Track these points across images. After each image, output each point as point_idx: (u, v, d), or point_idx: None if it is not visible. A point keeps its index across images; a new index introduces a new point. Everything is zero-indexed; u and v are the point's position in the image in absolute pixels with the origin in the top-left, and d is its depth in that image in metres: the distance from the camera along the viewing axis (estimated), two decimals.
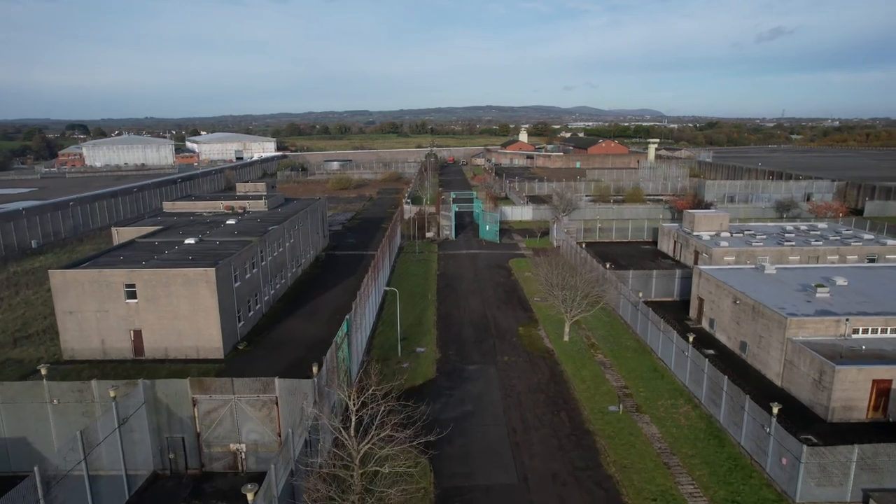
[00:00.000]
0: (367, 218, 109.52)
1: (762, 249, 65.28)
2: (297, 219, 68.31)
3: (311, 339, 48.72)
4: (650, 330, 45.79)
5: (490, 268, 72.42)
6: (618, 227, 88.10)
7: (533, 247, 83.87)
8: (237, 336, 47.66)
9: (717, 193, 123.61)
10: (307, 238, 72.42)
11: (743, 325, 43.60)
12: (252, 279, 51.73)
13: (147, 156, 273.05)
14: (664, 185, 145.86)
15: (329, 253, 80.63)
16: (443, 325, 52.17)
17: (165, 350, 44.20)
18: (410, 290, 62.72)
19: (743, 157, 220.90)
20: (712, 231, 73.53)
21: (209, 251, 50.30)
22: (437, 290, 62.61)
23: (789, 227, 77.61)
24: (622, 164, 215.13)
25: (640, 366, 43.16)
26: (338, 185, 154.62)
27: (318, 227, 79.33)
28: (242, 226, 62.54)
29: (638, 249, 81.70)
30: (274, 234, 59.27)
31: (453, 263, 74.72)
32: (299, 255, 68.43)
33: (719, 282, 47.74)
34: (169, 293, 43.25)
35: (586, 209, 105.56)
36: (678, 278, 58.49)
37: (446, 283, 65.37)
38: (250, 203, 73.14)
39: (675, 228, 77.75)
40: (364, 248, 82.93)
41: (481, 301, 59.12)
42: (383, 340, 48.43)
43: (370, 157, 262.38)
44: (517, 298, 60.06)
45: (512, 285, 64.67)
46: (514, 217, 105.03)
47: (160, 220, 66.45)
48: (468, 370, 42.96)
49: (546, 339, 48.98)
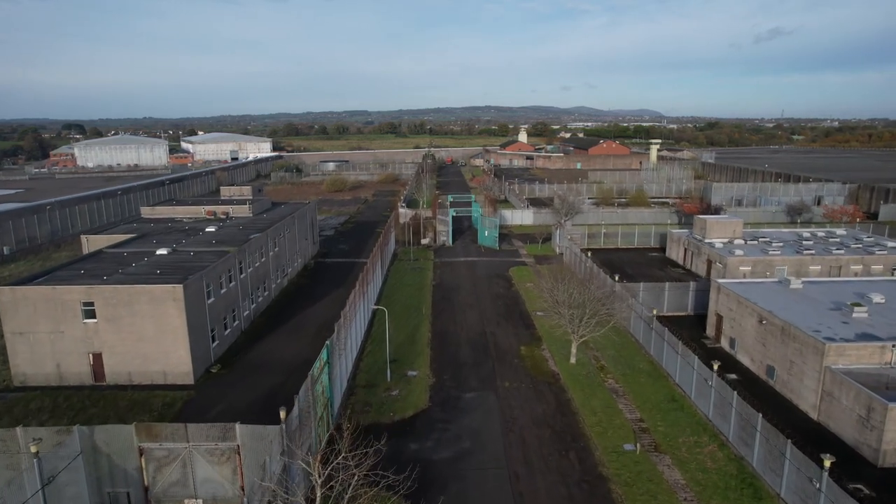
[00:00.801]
0: (361, 222, 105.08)
1: (780, 259, 60.96)
2: (282, 225, 63.91)
3: (293, 360, 44.33)
4: (666, 352, 41.44)
5: (489, 277, 68.03)
6: (623, 233, 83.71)
7: (534, 254, 79.48)
8: (210, 358, 43.22)
9: (724, 196, 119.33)
10: (294, 245, 68.01)
11: (770, 348, 39.25)
12: (229, 294, 47.31)
13: (140, 156, 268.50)
14: (668, 187, 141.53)
15: (319, 261, 76.18)
16: (437, 345, 47.76)
17: (129, 375, 39.78)
18: (403, 302, 58.33)
19: (746, 157, 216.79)
20: (725, 238, 69.20)
21: (181, 264, 45.87)
22: (431, 303, 58.20)
23: (805, 233, 73.30)
24: (623, 165, 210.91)
25: (656, 393, 38.79)
26: (332, 186, 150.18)
27: (307, 232, 74.91)
28: (222, 234, 58.12)
29: (645, 257, 77.36)
30: (256, 243, 54.85)
31: (450, 272, 70.33)
32: (285, 264, 64.01)
33: (741, 298, 43.38)
34: (132, 312, 38.82)
35: (589, 213, 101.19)
36: (692, 291, 54.13)
37: (442, 295, 60.96)
38: (234, 208, 68.70)
39: (686, 235, 73.43)
40: (357, 254, 78.56)
41: (480, 316, 54.72)
42: (372, 362, 44.03)
43: (367, 157, 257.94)
44: (518, 313, 55.67)
45: (513, 297, 60.28)
46: (514, 221, 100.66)
47: (136, 226, 62.00)
48: (465, 399, 38.57)
49: (551, 360, 44.59)
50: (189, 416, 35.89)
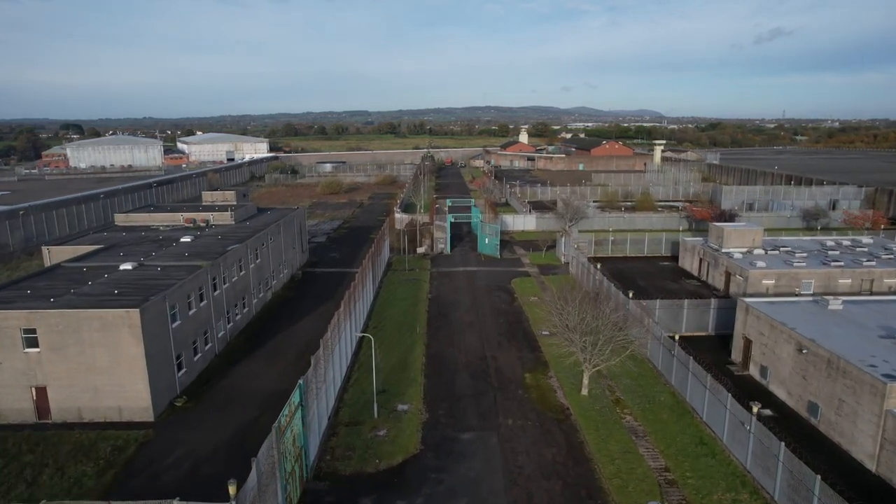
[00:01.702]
0: (355, 227, 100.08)
1: (806, 272, 56.01)
2: (266, 234, 58.97)
3: (270, 389, 39.40)
4: (691, 384, 36.48)
5: (490, 290, 63.05)
6: (632, 240, 78.68)
7: (538, 263, 74.49)
8: (176, 388, 38.26)
9: (734, 200, 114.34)
10: (279, 255, 63.06)
11: (813, 382, 34.31)
12: (199, 314, 42.34)
13: (135, 157, 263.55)
14: (675, 189, 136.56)
15: (307, 271, 71.19)
16: (432, 371, 42.79)
17: (78, 411, 34.82)
18: (396, 319, 53.34)
19: (750, 158, 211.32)
20: (744, 247, 64.21)
21: (145, 282, 40.89)
22: (427, 321, 53.20)
23: (829, 241, 68.30)
24: (626, 166, 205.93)
25: (682, 434, 33.82)
26: (327, 189, 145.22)
27: (295, 240, 69.96)
28: (198, 245, 53.13)
29: (656, 266, 72.36)
30: (233, 256, 49.88)
31: (448, 284, 65.35)
32: (268, 276, 59.06)
33: (774, 322, 38.42)
34: (81, 341, 33.86)
35: (595, 218, 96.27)
36: (714, 309, 49.13)
37: (439, 311, 55.98)
38: (215, 215, 63.73)
39: (700, 244, 68.44)
40: (348, 263, 73.60)
41: (479, 336, 49.73)
42: (358, 394, 39.05)
43: (365, 158, 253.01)
44: (522, 332, 50.69)
45: (515, 314, 55.30)
46: (515, 227, 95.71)
47: (106, 236, 57.06)
48: (462, 440, 33.59)
49: (559, 391, 39.62)
50: (142, 464, 30.93)
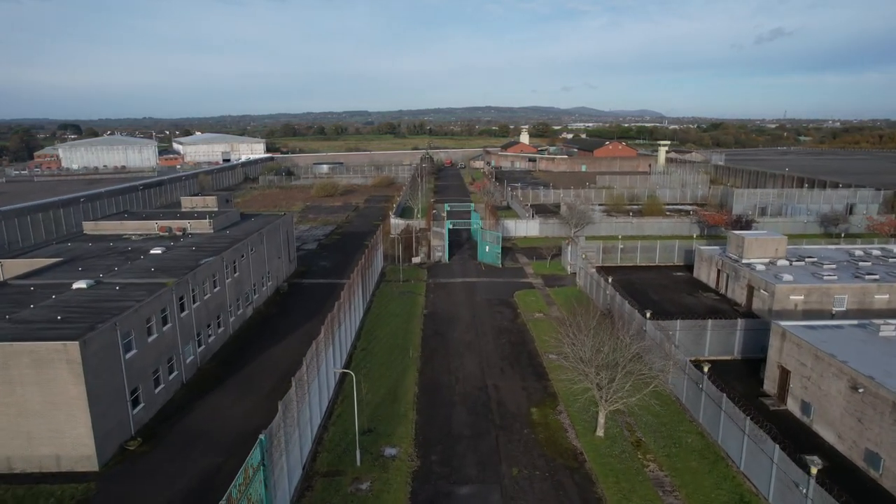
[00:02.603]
0: (348, 233, 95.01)
1: (839, 286, 50.93)
2: (246, 244, 53.96)
3: (241, 428, 34.41)
4: (724, 426, 31.43)
5: (491, 304, 57.99)
6: (643, 248, 73.58)
7: (542, 273, 69.41)
8: (130, 429, 33.22)
9: (746, 204, 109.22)
10: (262, 267, 58.05)
11: (871, 427, 29.29)
12: (163, 340, 37.33)
13: (128, 157, 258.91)
14: (682, 192, 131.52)
15: (294, 282, 66.15)
16: (426, 404, 37.75)
17: (8, 461, 29.79)
18: (387, 340, 48.26)
19: (755, 159, 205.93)
20: (766, 258, 59.21)
21: (97, 304, 35.87)
22: (421, 341, 48.13)
23: (857, 251, 63.25)
24: (630, 167, 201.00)
25: (717, 489, 28.78)
26: (322, 191, 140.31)
27: (281, 249, 64.94)
28: (169, 257, 48.08)
29: (669, 277, 67.28)
30: (206, 270, 44.84)
31: (445, 297, 60.30)
32: (249, 290, 54.04)
33: (820, 352, 33.38)
34: (10, 379, 28.85)
35: (601, 223, 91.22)
36: (741, 331, 44.07)
37: (435, 329, 50.92)
38: (193, 223, 58.72)
39: (718, 253, 63.39)
40: (339, 273, 68.55)
41: (479, 360, 44.67)
42: (340, 433, 34.00)
43: (363, 159, 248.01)
44: (526, 355, 45.63)
45: (519, 333, 50.24)
46: (518, 233, 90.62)
47: (69, 246, 52.04)
48: (459, 496, 28.55)
49: (570, 430, 34.57)
50: None
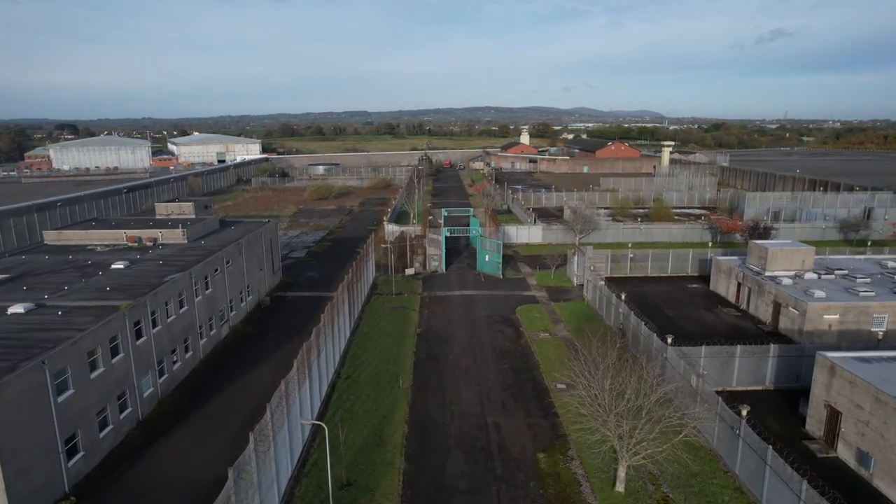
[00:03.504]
0: (341, 239, 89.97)
1: (878, 305, 45.92)
2: (222, 256, 48.93)
3: (198, 480, 29.37)
4: (770, 484, 26.36)
5: (491, 322, 52.94)
6: (654, 256, 68.50)
7: (546, 285, 64.36)
8: (63, 485, 28.16)
9: (758, 208, 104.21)
10: (240, 280, 53.03)
11: None
12: (111, 374, 32.28)
13: (121, 158, 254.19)
14: (690, 195, 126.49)
15: (278, 295, 61.10)
16: (416, 447, 32.69)
17: None
18: (375, 365, 43.20)
19: (759, 160, 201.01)
20: (792, 270, 54.24)
21: (29, 334, 30.81)
22: (413, 366, 43.08)
23: (890, 261, 58.26)
24: (633, 168, 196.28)
25: None
26: (316, 194, 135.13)
27: (263, 260, 59.91)
28: (131, 273, 43.03)
29: (683, 290, 62.25)
30: (171, 288, 39.79)
31: (441, 313, 55.26)
32: (224, 307, 49.01)
33: (883, 395, 28.32)
34: None
35: (607, 229, 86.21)
36: (773, 357, 39.02)
37: (428, 352, 45.85)
38: (165, 233, 53.67)
39: (738, 264, 58.39)
40: (327, 284, 63.43)
41: (478, 390, 39.62)
42: (314, 487, 28.93)
43: (360, 160, 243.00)
44: (531, 384, 40.58)
45: (522, 356, 45.19)
46: (519, 239, 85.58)
47: (24, 259, 46.98)
48: None
49: (585, 483, 29.47)
50: None
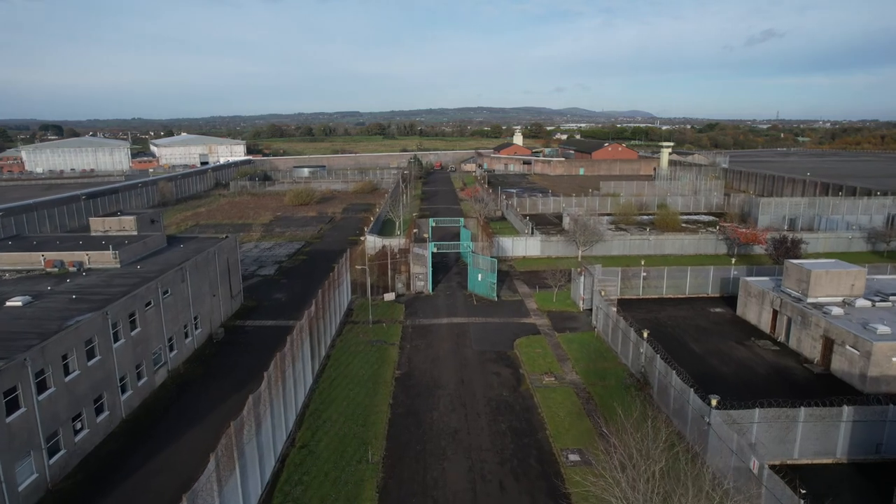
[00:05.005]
0: (317, 252, 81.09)
1: None
2: (156, 287, 40.00)
3: None
4: None
5: (484, 360, 44.27)
6: (670, 274, 60.09)
7: (548, 309, 55.82)
8: None
9: (773, 215, 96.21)
10: (185, 311, 44.13)
11: None
12: None
13: (98, 160, 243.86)
14: (696, 200, 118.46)
15: (235, 324, 52.16)
16: None
17: None
18: (339, 428, 34.41)
19: (758, 161, 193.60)
20: (838, 296, 46.02)
21: None
22: (387, 430, 34.32)
23: None
24: (631, 170, 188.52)
25: None
26: (296, 199, 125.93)
27: (218, 284, 51.00)
28: (26, 315, 33.93)
29: (706, 316, 53.85)
30: (68, 340, 30.82)
31: (425, 349, 46.54)
32: (160, 349, 40.10)
33: None
34: None
35: (613, 240, 77.82)
36: (846, 422, 30.59)
37: (408, 408, 37.07)
38: (93, 255, 44.64)
39: (771, 288, 50.11)
40: (296, 308, 53.93)
41: (468, 465, 30.88)
42: None
43: (348, 161, 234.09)
44: (536, 454, 31.87)
45: (523, 411, 36.50)
46: (515, 252, 77.03)
47: None
48: None
49: None
50: None
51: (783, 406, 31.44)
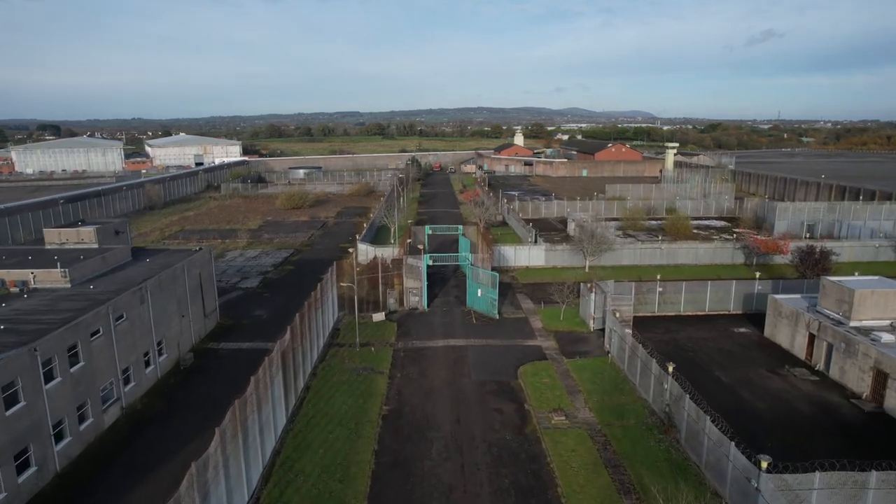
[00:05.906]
0: (306, 261, 75.76)
1: None
2: (106, 312, 34.69)
3: None
4: None
5: (484, 393, 38.94)
6: (688, 288, 54.74)
7: (555, 329, 50.47)
8: None
9: (791, 220, 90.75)
10: (146, 337, 38.82)
11: None
12: None
13: (91, 161, 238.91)
14: (706, 204, 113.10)
15: (208, 347, 46.84)
16: None
17: None
18: (314, 484, 29.01)
19: (764, 162, 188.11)
20: (886, 319, 40.72)
21: None
22: (370, 486, 28.98)
23: None
24: (635, 172, 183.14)
25: None
26: (288, 202, 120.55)
27: (188, 303, 45.68)
28: None
29: (730, 337, 48.46)
30: None
31: (418, 379, 41.22)
32: (111, 384, 34.80)
33: None
34: None
35: (623, 249, 72.46)
36: None
37: (395, 457, 31.71)
38: (39, 273, 39.34)
39: (805, 308, 44.78)
40: (277, 327, 48.24)
41: None
42: None
43: (345, 163, 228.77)
44: None
45: (530, 460, 31.14)
46: (518, 262, 71.68)
47: None
48: None
49: None
50: None
51: (841, 461, 26.25)
